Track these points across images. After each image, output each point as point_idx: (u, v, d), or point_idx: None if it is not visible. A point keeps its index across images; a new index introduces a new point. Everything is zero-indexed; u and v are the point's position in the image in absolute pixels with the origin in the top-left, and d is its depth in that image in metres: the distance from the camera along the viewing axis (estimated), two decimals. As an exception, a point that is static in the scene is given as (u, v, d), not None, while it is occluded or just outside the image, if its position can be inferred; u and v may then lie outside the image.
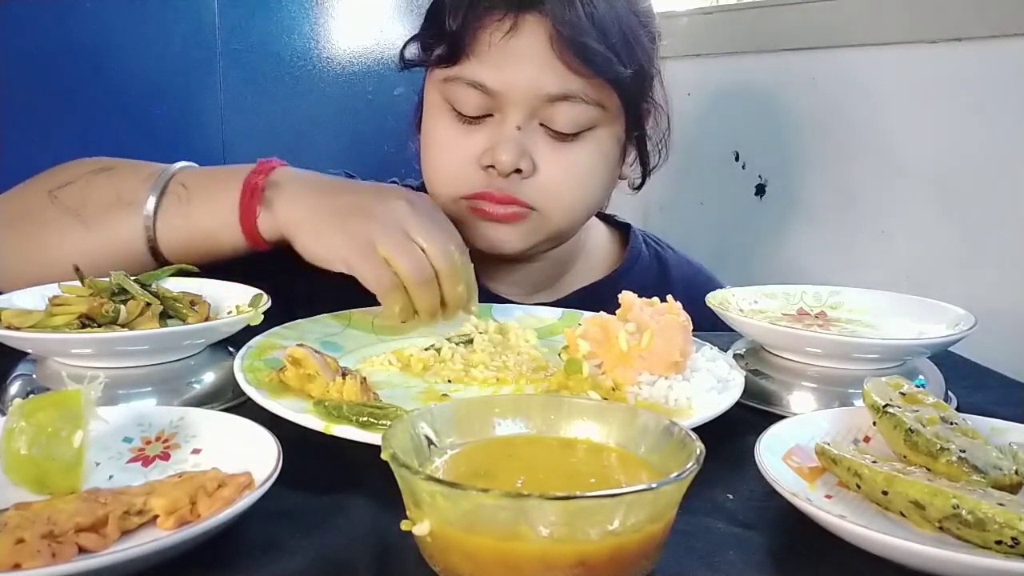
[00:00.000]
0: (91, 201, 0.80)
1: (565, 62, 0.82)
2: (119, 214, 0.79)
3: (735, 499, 0.53)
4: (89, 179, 0.82)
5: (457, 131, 0.87)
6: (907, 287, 1.07)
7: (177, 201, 0.79)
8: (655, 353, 0.61)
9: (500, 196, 0.85)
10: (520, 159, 0.83)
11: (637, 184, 1.00)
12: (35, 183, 0.84)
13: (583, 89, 0.83)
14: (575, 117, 0.84)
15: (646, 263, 1.04)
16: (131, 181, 0.81)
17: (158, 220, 0.78)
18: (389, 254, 0.71)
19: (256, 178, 0.77)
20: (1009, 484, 0.49)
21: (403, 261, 0.71)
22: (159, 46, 1.57)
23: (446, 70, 0.86)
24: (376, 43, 1.70)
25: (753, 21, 1.46)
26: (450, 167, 0.87)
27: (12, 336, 0.61)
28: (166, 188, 0.79)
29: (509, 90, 0.83)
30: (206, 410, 0.56)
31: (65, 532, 0.41)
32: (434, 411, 0.48)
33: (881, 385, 0.58)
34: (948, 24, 1.11)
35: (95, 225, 0.79)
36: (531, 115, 0.84)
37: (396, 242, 0.72)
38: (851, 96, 1.27)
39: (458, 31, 0.83)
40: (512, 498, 0.38)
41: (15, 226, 0.83)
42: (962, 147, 1.12)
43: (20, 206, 0.84)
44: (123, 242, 0.79)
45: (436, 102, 0.89)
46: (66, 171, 0.84)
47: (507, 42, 0.82)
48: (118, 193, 0.80)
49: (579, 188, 0.88)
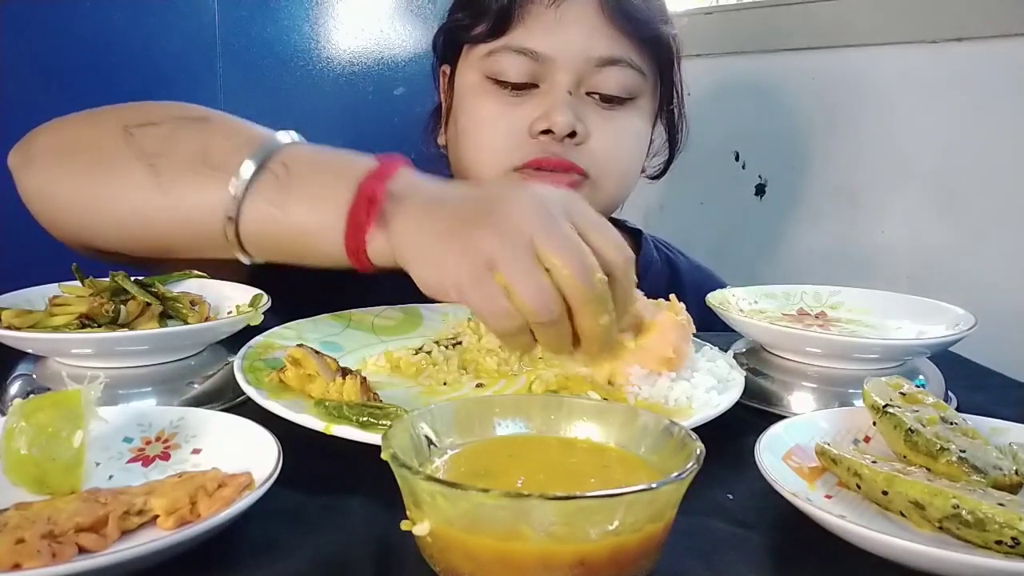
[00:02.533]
0: (173, 152, 0.67)
1: (614, 24, 0.85)
2: (202, 178, 0.66)
3: (735, 499, 0.53)
4: (177, 126, 0.69)
5: (504, 103, 0.88)
6: (907, 287, 1.08)
7: (275, 183, 0.64)
8: (647, 347, 0.61)
9: (556, 161, 0.86)
10: (576, 122, 0.85)
11: (657, 173, 1.02)
12: (112, 112, 0.72)
13: (629, 54, 0.87)
14: (622, 81, 0.88)
15: (658, 268, 1.05)
16: (225, 142, 0.67)
17: (246, 200, 0.64)
18: (508, 281, 0.55)
19: (375, 185, 0.61)
20: (1009, 484, 0.48)
21: (523, 292, 0.54)
22: (159, 46, 1.56)
23: (490, 44, 0.87)
24: (376, 43, 1.70)
25: (753, 21, 1.46)
26: (499, 139, 0.88)
27: (12, 336, 0.61)
28: (265, 163, 0.65)
29: (559, 54, 0.85)
30: (206, 410, 0.56)
31: (65, 532, 0.41)
32: (434, 411, 0.48)
33: (881, 385, 0.58)
34: (948, 24, 1.11)
35: (170, 183, 0.67)
36: (579, 82, 0.87)
37: (518, 265, 0.54)
38: (851, 96, 1.27)
39: (507, 3, 0.85)
40: (512, 498, 0.38)
41: (77, 157, 0.71)
42: (962, 147, 1.12)
43: (87, 134, 0.72)
44: (198, 212, 0.66)
45: (476, 82, 0.90)
46: (151, 109, 0.72)
47: (556, 8, 0.85)
48: (206, 152, 0.67)
49: (629, 155, 0.91)
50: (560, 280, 0.55)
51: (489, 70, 0.88)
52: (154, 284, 0.70)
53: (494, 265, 0.55)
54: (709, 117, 1.51)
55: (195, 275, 0.75)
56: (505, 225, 0.55)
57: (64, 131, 0.74)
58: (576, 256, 0.55)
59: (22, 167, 0.74)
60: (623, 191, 0.94)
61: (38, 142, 0.75)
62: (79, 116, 0.74)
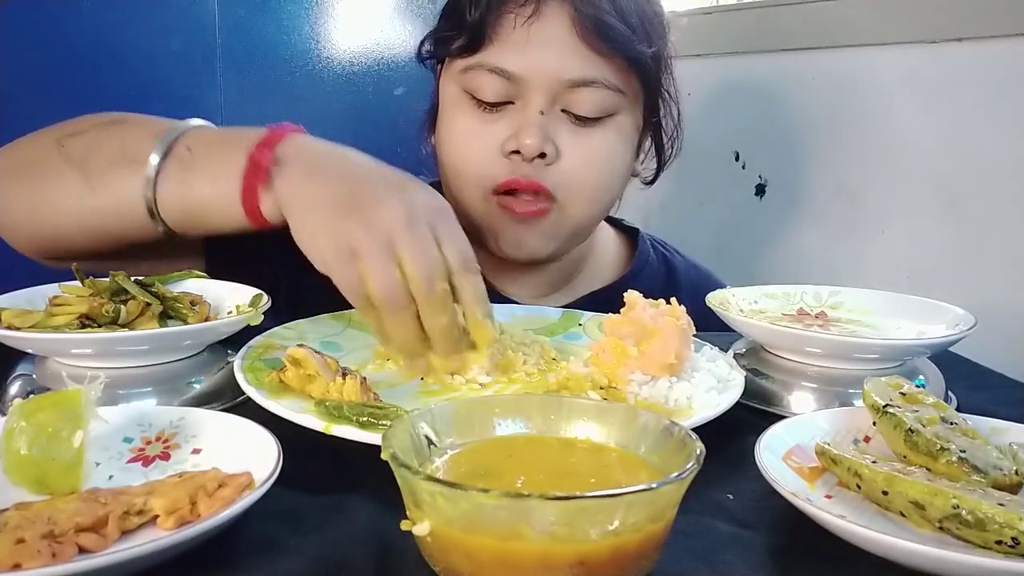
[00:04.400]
0: (95, 154, 0.75)
1: (589, 44, 0.83)
2: (121, 171, 0.73)
3: (735, 499, 0.53)
4: (98, 131, 0.77)
5: (478, 120, 0.88)
6: (907, 287, 1.08)
7: (179, 166, 0.72)
8: (650, 353, 0.62)
9: (525, 183, 0.86)
10: (545, 143, 0.85)
11: (649, 179, 1.01)
12: (50, 130, 0.79)
13: (604, 74, 0.85)
14: (597, 102, 0.86)
15: (655, 268, 1.04)
16: (138, 137, 0.75)
17: (158, 184, 0.72)
18: (365, 268, 0.62)
19: (263, 153, 0.69)
20: (1009, 484, 0.49)
21: (375, 280, 0.62)
22: (159, 46, 1.57)
23: (466, 59, 0.87)
24: (376, 43, 1.70)
25: (753, 21, 1.46)
26: (473, 156, 0.88)
27: (12, 336, 0.61)
28: (171, 149, 0.73)
29: (532, 75, 0.84)
30: (206, 410, 0.56)
31: (65, 532, 0.41)
32: (434, 411, 0.48)
33: (881, 385, 0.58)
34: (948, 24, 1.11)
35: (97, 181, 0.74)
36: (553, 101, 0.86)
37: (375, 257, 0.62)
38: (851, 96, 1.27)
39: (480, 19, 0.84)
40: (512, 498, 0.38)
41: (21, 173, 0.78)
42: (962, 147, 1.12)
43: (29, 152, 0.79)
44: (123, 202, 0.73)
45: (454, 95, 0.89)
46: (79, 122, 0.79)
47: (529, 27, 0.83)
48: (123, 148, 0.74)
49: (600, 174, 0.90)
50: (409, 278, 0.62)
51: (466, 85, 0.87)
52: (154, 284, 0.70)
53: (357, 253, 0.62)
54: (709, 117, 1.52)
55: (195, 275, 0.76)
56: (374, 220, 0.63)
57: (11, 153, 0.81)
58: (426, 261, 0.62)
59: None
60: (595, 213, 0.93)
61: None
62: (26, 138, 0.81)
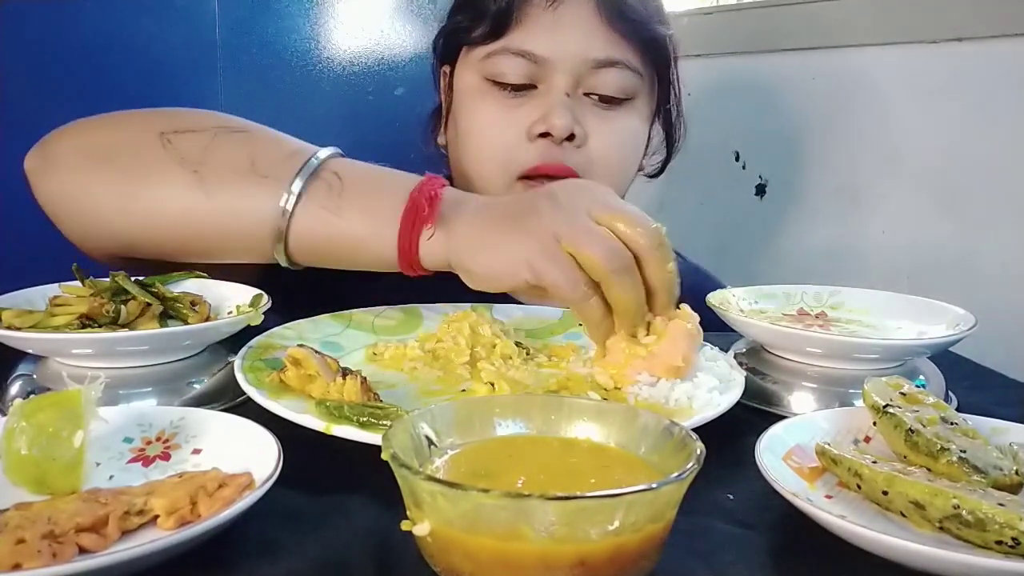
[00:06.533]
0: (216, 161, 0.70)
1: (611, 26, 0.86)
2: (250, 186, 0.69)
3: (735, 499, 0.53)
4: (217, 134, 0.72)
5: (501, 106, 0.88)
6: (907, 287, 1.08)
7: (327, 191, 0.69)
8: (657, 355, 0.62)
9: (554, 166, 0.86)
10: (573, 124, 0.86)
11: (655, 172, 1.02)
12: (141, 118, 0.74)
13: (626, 55, 0.88)
14: (620, 82, 0.88)
15: None
16: (271, 153, 0.71)
17: (299, 206, 0.68)
18: (572, 244, 0.60)
19: (432, 188, 0.67)
20: (1009, 484, 0.49)
21: (592, 248, 0.60)
22: (159, 46, 1.56)
23: (488, 46, 0.88)
24: (376, 43, 1.70)
25: (753, 21, 1.46)
26: (500, 142, 0.88)
27: (12, 336, 0.61)
28: (317, 172, 0.70)
29: (557, 56, 0.86)
30: (206, 410, 0.56)
31: (65, 532, 0.41)
32: (434, 411, 0.48)
33: (881, 385, 0.58)
34: (948, 24, 1.11)
35: (216, 190, 0.69)
36: (577, 83, 0.88)
37: (580, 229, 0.60)
38: (851, 96, 1.27)
39: (507, 4, 0.86)
40: (512, 498, 0.38)
41: (112, 160, 0.72)
42: (962, 147, 1.12)
43: (122, 138, 0.73)
44: (243, 217, 0.70)
45: (474, 84, 0.90)
46: (184, 117, 0.74)
47: (554, 10, 0.86)
48: (253, 161, 0.70)
49: (625, 158, 0.92)
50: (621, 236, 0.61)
51: (488, 72, 0.88)
52: (154, 284, 0.70)
53: (560, 236, 0.61)
54: (709, 117, 1.52)
55: (195, 275, 0.75)
56: (563, 204, 0.63)
57: (91, 135, 0.74)
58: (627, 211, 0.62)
59: (42, 171, 0.73)
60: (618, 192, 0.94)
61: (61, 145, 0.74)
62: (104, 120, 0.74)
